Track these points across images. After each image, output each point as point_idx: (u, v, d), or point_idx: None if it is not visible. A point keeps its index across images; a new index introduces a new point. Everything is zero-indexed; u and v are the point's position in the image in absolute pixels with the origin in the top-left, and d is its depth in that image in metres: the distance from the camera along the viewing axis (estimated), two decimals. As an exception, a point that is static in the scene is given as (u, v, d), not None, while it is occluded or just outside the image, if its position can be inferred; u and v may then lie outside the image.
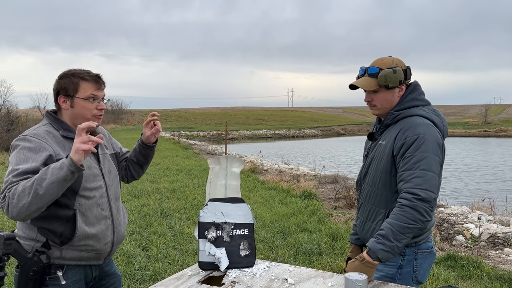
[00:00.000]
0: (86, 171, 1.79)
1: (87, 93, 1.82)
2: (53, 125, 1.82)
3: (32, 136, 1.73)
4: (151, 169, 11.97)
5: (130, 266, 4.25)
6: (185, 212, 6.71)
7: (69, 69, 1.87)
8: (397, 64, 1.93)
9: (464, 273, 4.15)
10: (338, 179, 10.07)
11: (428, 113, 1.92)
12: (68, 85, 1.81)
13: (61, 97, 1.82)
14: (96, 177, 1.86)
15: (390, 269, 1.93)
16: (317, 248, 4.82)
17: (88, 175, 1.81)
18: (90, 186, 1.82)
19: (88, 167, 1.82)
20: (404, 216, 1.76)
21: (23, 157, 1.68)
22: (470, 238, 5.45)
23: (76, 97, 1.81)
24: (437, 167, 1.82)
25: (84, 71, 1.85)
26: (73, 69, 1.86)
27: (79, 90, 1.81)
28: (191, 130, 45.05)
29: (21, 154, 1.69)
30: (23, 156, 1.68)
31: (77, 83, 1.81)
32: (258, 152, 17.44)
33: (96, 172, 1.86)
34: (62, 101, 1.82)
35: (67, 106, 1.82)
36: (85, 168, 1.78)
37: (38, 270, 1.69)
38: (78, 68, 1.87)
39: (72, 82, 1.81)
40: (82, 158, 1.59)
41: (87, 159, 1.82)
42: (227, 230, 2.05)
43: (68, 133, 1.80)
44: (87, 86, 1.82)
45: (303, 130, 52.15)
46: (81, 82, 1.81)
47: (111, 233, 1.90)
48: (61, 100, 1.83)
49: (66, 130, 1.82)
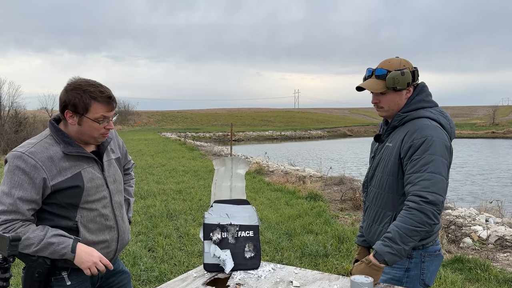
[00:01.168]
0: (88, 184, 1.75)
1: (97, 114, 1.72)
2: (55, 138, 1.74)
3: (28, 156, 1.65)
4: (157, 170, 12.01)
5: (136, 267, 4.26)
6: (191, 213, 6.71)
7: (79, 80, 1.75)
8: (405, 66, 1.91)
9: (471, 276, 4.11)
10: (344, 181, 10.03)
11: (435, 114, 1.90)
12: (78, 102, 1.70)
13: (68, 112, 1.72)
14: (99, 187, 1.81)
15: (397, 272, 1.91)
16: (323, 250, 4.80)
17: (90, 188, 1.77)
18: (93, 198, 1.78)
19: (90, 179, 1.77)
20: (412, 219, 1.74)
21: (17, 181, 1.64)
22: (478, 240, 5.39)
23: (85, 116, 1.72)
24: (444, 169, 1.80)
25: (97, 89, 1.72)
26: (84, 83, 1.72)
27: (90, 111, 1.71)
28: (197, 131, 45.15)
29: (15, 176, 1.65)
30: (17, 179, 1.64)
31: (88, 104, 1.70)
32: (264, 153, 17.43)
33: (99, 183, 1.81)
34: (69, 116, 1.72)
35: (74, 122, 1.73)
36: (87, 182, 1.76)
37: (43, 271, 1.69)
38: (89, 83, 1.74)
39: (83, 101, 1.70)
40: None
41: (90, 170, 1.78)
42: (232, 232, 2.04)
43: (69, 148, 1.73)
44: (98, 108, 1.72)
45: (309, 131, 52.06)
46: (93, 103, 1.71)
47: (115, 242, 1.89)
48: (68, 114, 1.72)
49: (68, 144, 1.74)
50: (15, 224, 1.64)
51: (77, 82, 1.74)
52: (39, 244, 1.63)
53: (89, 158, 1.79)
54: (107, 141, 1.92)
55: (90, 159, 1.80)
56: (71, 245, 1.66)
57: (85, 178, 1.76)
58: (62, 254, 1.66)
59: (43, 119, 26.63)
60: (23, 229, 1.64)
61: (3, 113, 23.24)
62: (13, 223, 1.64)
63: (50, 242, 1.64)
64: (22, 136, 19.15)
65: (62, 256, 1.66)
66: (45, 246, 1.64)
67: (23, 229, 1.64)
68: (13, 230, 1.63)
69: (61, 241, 1.65)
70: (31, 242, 1.63)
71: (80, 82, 1.73)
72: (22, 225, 1.65)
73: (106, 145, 1.90)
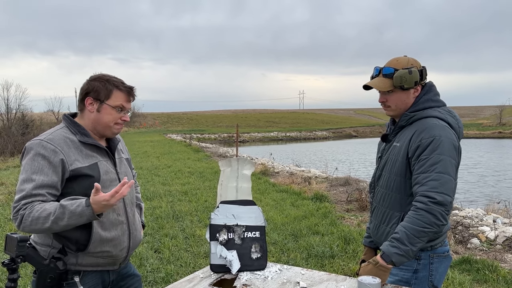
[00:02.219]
0: (103, 176, 1.79)
1: (117, 102, 1.81)
2: (70, 129, 1.80)
3: (47, 142, 1.71)
4: (163, 171, 12.04)
5: (142, 268, 4.27)
6: (196, 214, 6.72)
7: (103, 73, 1.85)
8: (413, 65, 1.89)
9: (479, 277, 4.07)
10: (350, 182, 9.99)
11: (443, 114, 1.88)
12: (101, 89, 1.79)
13: (89, 99, 1.80)
14: (112, 181, 1.84)
15: (405, 273, 1.89)
16: (329, 251, 4.78)
17: (105, 180, 1.79)
18: (106, 191, 1.77)
19: (106, 172, 1.81)
20: (420, 219, 1.73)
21: (38, 166, 1.67)
22: (486, 241, 5.35)
23: (105, 103, 1.80)
24: (453, 170, 1.78)
25: (119, 80, 1.84)
26: (107, 75, 1.84)
27: (111, 97, 1.80)
28: (203, 133, 45.24)
29: (35, 162, 1.68)
30: (37, 164, 1.68)
31: (111, 90, 1.80)
32: (269, 155, 17.42)
33: (113, 177, 1.85)
34: (89, 103, 1.80)
35: (93, 109, 1.80)
36: (103, 174, 1.79)
37: (55, 276, 1.69)
38: (112, 75, 1.85)
39: (106, 88, 1.79)
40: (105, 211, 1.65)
41: (104, 163, 1.82)
42: (238, 233, 2.04)
43: (85, 138, 1.79)
44: (119, 96, 1.81)
45: (314, 132, 51.98)
46: (115, 90, 1.80)
47: (127, 238, 1.89)
48: (88, 101, 1.80)
49: (83, 134, 1.79)
50: (34, 203, 1.64)
51: (100, 74, 1.85)
52: (55, 212, 1.60)
53: (103, 151, 1.85)
54: (117, 140, 1.98)
55: (104, 152, 1.85)
56: (85, 201, 1.63)
57: (101, 170, 1.79)
58: (79, 212, 1.60)
59: (49, 122, 26.80)
60: (40, 204, 1.63)
61: (10, 115, 23.42)
62: (33, 203, 1.64)
63: (64, 205, 1.62)
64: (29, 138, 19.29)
65: (81, 216, 1.60)
66: (61, 212, 1.60)
67: (40, 204, 1.63)
68: (31, 207, 1.62)
69: (74, 202, 1.63)
70: (48, 212, 1.61)
71: (103, 74, 1.86)
72: (40, 203, 1.65)
73: (116, 142, 1.96)
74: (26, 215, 1.62)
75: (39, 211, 1.61)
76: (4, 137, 20.51)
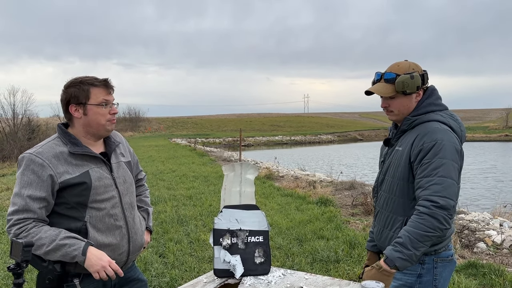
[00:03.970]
0: (95, 183, 1.79)
1: (99, 99, 1.81)
2: (62, 140, 1.81)
3: (36, 156, 1.73)
4: (168, 176, 12.07)
5: (147, 273, 4.27)
6: (201, 219, 6.73)
7: (74, 77, 1.84)
8: (414, 69, 1.90)
9: (485, 282, 4.04)
10: (355, 185, 9.96)
11: (445, 118, 1.88)
12: (79, 93, 1.79)
13: (72, 106, 1.80)
14: (107, 187, 1.84)
15: (409, 278, 1.89)
16: (334, 256, 4.76)
17: (99, 187, 1.80)
18: (101, 197, 1.81)
19: (98, 178, 1.81)
20: (423, 224, 1.72)
21: (27, 180, 1.71)
22: (492, 245, 5.31)
23: (88, 104, 1.80)
24: (455, 173, 1.78)
25: (91, 77, 1.83)
26: (79, 77, 1.83)
27: (91, 97, 1.80)
28: (207, 137, 45.29)
29: (25, 176, 1.72)
30: (27, 178, 1.71)
31: (88, 90, 1.79)
32: (273, 159, 17.40)
33: (107, 183, 1.84)
34: (74, 110, 1.81)
35: (79, 115, 1.81)
36: (95, 180, 1.79)
37: (53, 278, 1.70)
38: (83, 76, 1.84)
39: (83, 90, 1.79)
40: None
41: (97, 170, 1.82)
42: (242, 237, 2.04)
43: (76, 148, 1.79)
44: (98, 92, 1.81)
45: (319, 136, 51.88)
46: (91, 89, 1.80)
47: (127, 243, 1.89)
48: (72, 109, 1.81)
49: (74, 144, 1.80)
50: (28, 224, 1.67)
51: (72, 79, 1.85)
52: (50, 245, 1.64)
53: (96, 158, 1.84)
54: (115, 143, 1.96)
55: (97, 159, 1.84)
56: (82, 248, 1.67)
57: (93, 177, 1.79)
58: (72, 256, 1.66)
59: (55, 127, 26.89)
60: (36, 229, 1.67)
61: (17, 120, 23.60)
62: (26, 223, 1.67)
63: (62, 244, 1.65)
64: (35, 143, 19.38)
65: (73, 259, 1.66)
66: (56, 247, 1.65)
67: (36, 229, 1.67)
68: (26, 230, 1.66)
69: (72, 243, 1.67)
70: (43, 243, 1.65)
71: (75, 78, 1.84)
72: (35, 225, 1.68)
73: (113, 147, 1.95)
74: (22, 236, 1.65)
75: (34, 238, 1.65)
76: (10, 143, 20.66)
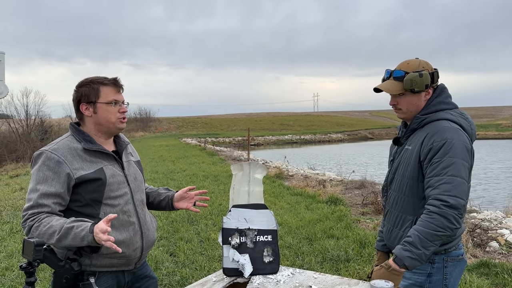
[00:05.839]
0: (109, 179, 1.83)
1: (109, 97, 1.86)
2: (75, 137, 1.86)
3: (51, 152, 1.78)
4: (178, 175, 12.12)
5: (158, 272, 4.31)
6: (211, 218, 6.75)
7: (85, 78, 1.90)
8: (424, 67, 1.88)
9: (498, 281, 3.99)
10: (366, 184, 9.90)
11: (455, 116, 1.87)
12: (89, 92, 1.85)
13: (83, 105, 1.86)
14: (120, 184, 1.88)
15: (419, 277, 1.88)
16: (344, 255, 4.75)
17: (112, 183, 1.84)
18: (115, 194, 1.85)
19: (112, 175, 1.86)
20: (432, 223, 1.71)
21: (42, 176, 1.75)
22: (505, 244, 5.24)
23: (98, 102, 1.85)
24: (466, 172, 1.77)
25: (102, 77, 1.89)
26: (90, 77, 1.90)
27: (101, 95, 1.85)
28: (217, 137, 45.40)
29: (41, 172, 1.76)
30: (42, 174, 1.75)
31: (98, 89, 1.85)
32: (283, 158, 17.38)
33: (120, 180, 1.89)
34: (85, 109, 1.86)
35: (90, 113, 1.87)
36: (109, 177, 1.83)
37: (70, 277, 1.73)
38: (94, 76, 1.90)
39: (93, 89, 1.85)
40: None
41: (111, 167, 1.87)
42: (250, 237, 2.05)
43: (90, 144, 1.84)
44: (107, 91, 1.87)
45: (329, 135, 51.67)
46: (101, 87, 1.86)
47: (140, 239, 1.92)
48: (83, 107, 1.86)
49: (88, 141, 1.85)
50: (40, 215, 1.71)
51: (83, 79, 1.91)
52: (60, 231, 1.66)
53: (109, 156, 1.89)
54: (125, 143, 2.03)
55: (110, 157, 1.89)
56: (89, 227, 1.67)
57: (107, 173, 1.84)
58: (81, 237, 1.65)
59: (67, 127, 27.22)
60: (48, 219, 1.70)
61: (30, 121, 23.93)
62: (39, 215, 1.71)
63: (69, 227, 1.67)
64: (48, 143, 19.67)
65: (83, 240, 1.65)
66: (66, 231, 1.66)
67: (48, 219, 1.70)
68: (39, 220, 1.69)
69: (79, 224, 1.68)
70: (54, 230, 1.67)
71: (86, 78, 1.90)
72: (48, 216, 1.71)
73: (124, 146, 2.01)
74: (34, 228, 1.69)
75: (46, 227, 1.67)
76: (24, 143, 20.97)
